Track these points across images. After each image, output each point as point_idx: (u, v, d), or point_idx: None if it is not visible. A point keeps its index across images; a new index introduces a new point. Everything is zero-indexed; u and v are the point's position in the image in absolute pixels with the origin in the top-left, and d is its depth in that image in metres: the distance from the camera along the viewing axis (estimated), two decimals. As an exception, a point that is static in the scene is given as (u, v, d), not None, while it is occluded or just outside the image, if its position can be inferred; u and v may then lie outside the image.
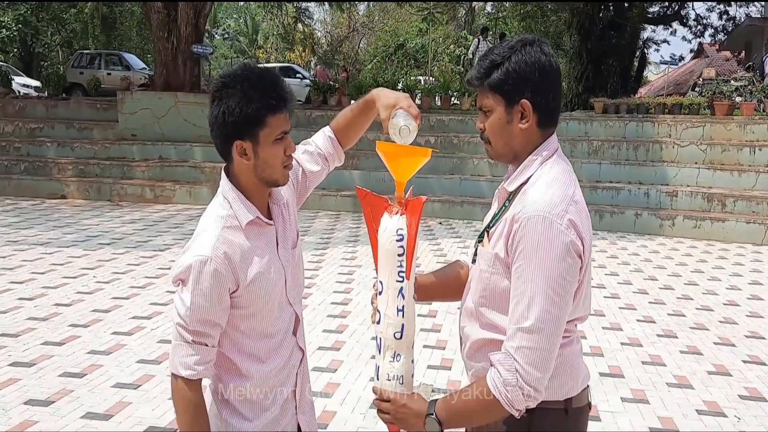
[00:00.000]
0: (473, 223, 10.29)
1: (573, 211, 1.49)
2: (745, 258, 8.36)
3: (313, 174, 1.89)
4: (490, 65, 1.55)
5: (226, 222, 1.61)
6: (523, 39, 1.57)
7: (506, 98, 1.55)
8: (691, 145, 11.03)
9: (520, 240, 1.48)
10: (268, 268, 1.64)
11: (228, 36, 45.87)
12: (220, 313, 1.58)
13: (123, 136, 13.15)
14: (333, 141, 1.93)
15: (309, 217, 10.50)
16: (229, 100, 1.55)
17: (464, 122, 12.62)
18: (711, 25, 23.79)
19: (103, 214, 10.31)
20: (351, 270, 7.17)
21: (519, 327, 1.46)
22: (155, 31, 13.71)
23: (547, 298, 1.44)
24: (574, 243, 1.47)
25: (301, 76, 22.20)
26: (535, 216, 1.47)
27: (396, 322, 1.61)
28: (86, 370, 4.27)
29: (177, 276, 1.58)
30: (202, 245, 1.58)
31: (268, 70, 1.62)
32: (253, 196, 1.65)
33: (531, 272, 1.45)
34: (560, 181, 1.54)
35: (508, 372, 1.45)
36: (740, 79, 13.17)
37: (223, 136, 1.59)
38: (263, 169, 1.61)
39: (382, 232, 1.63)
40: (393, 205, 1.66)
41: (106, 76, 18.86)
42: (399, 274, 1.61)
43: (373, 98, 1.81)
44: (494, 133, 1.59)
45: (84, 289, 6.14)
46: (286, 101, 1.59)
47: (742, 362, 4.79)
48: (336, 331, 5.19)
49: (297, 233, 1.80)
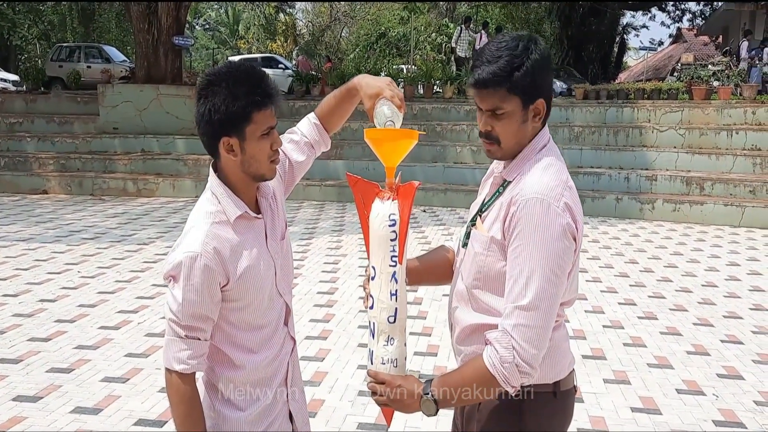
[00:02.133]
0: (457, 211, 10.37)
1: (568, 195, 1.55)
2: (723, 240, 8.52)
3: (300, 164, 1.92)
4: (510, 66, 1.53)
5: (214, 218, 1.64)
6: (529, 36, 1.59)
7: (525, 99, 1.57)
8: (670, 129, 11.18)
9: (518, 221, 1.52)
10: (257, 262, 1.67)
11: (209, 27, 45.44)
12: (212, 308, 1.61)
13: (104, 129, 13.05)
14: (318, 127, 1.95)
15: (294, 207, 10.52)
16: (214, 98, 1.58)
17: (447, 110, 12.67)
18: (689, 10, 24.07)
19: (85, 209, 10.25)
20: (336, 259, 7.21)
21: (516, 305, 1.50)
22: (135, 23, 13.58)
23: (544, 277, 1.49)
24: (570, 225, 1.52)
25: (283, 66, 22.09)
26: (533, 198, 1.51)
27: (389, 307, 1.65)
28: (74, 365, 4.28)
29: (168, 273, 1.61)
30: (192, 241, 1.60)
31: (253, 67, 1.64)
32: (241, 191, 1.67)
33: (529, 252, 1.50)
34: (555, 167, 1.59)
35: (505, 349, 1.49)
36: (717, 63, 13.33)
37: (210, 133, 1.62)
38: (250, 165, 1.63)
39: (374, 217, 1.65)
40: (384, 191, 1.68)
41: (86, 69, 18.65)
42: (392, 258, 1.64)
43: (356, 87, 1.82)
44: (508, 135, 1.60)
45: (69, 284, 6.13)
46: (271, 97, 1.61)
47: (720, 342, 4.91)
48: (323, 320, 5.24)
49: (285, 224, 1.84)
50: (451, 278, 1.83)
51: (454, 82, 13.42)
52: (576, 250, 1.57)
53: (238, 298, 1.65)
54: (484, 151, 1.67)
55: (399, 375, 1.65)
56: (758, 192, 9.69)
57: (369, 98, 1.77)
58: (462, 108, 12.70)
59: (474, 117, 12.50)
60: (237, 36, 41.07)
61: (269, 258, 1.72)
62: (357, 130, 12.21)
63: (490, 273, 1.60)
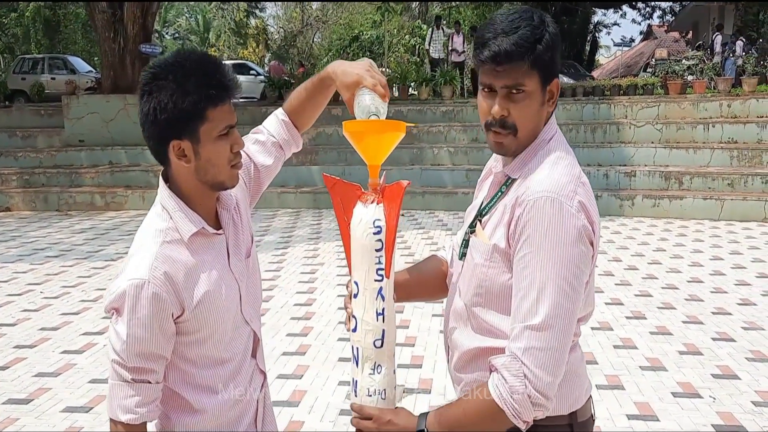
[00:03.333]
0: (435, 213, 10.18)
1: (582, 192, 1.32)
2: (704, 234, 8.43)
3: (267, 168, 1.67)
4: (533, 37, 1.31)
5: (165, 236, 1.39)
6: (537, 10, 1.37)
7: (544, 78, 1.35)
8: (647, 124, 11.12)
9: (526, 225, 1.29)
10: (218, 286, 1.43)
11: (179, 36, 44.89)
12: (163, 344, 1.37)
13: (70, 142, 12.66)
14: (288, 125, 1.69)
15: (268, 216, 10.24)
16: (160, 94, 1.33)
17: (423, 112, 12.50)
18: (659, 7, 24.25)
19: (50, 225, 9.86)
20: (314, 269, 6.97)
21: (527, 325, 1.27)
22: (100, 31, 13.22)
23: (558, 290, 1.26)
24: (586, 227, 1.30)
25: (255, 72, 21.81)
26: (542, 197, 1.29)
27: (375, 328, 1.40)
28: (33, 395, 3.98)
29: (110, 305, 1.36)
30: (138, 266, 1.36)
31: (207, 56, 1.40)
32: (197, 204, 1.43)
33: (539, 261, 1.27)
34: (566, 160, 1.37)
35: (515, 377, 1.27)
36: (691, 58, 13.35)
37: (157, 136, 1.38)
38: (207, 171, 1.39)
39: (356, 224, 1.42)
40: (367, 193, 1.44)
41: (50, 80, 18.13)
42: (377, 272, 1.39)
43: (330, 76, 1.57)
44: (527, 120, 1.36)
45: (30, 306, 5.80)
46: (228, 90, 1.37)
47: (711, 340, 4.76)
48: (300, 334, 4.99)
49: (251, 238, 1.59)
50: (446, 293, 1.60)
51: (429, 84, 13.26)
52: (594, 256, 1.34)
53: (196, 330, 1.41)
54: (490, 146, 1.42)
55: (388, 408, 1.40)
56: (736, 185, 9.65)
57: (347, 88, 1.51)
58: (438, 109, 12.53)
59: (450, 118, 12.36)
60: (208, 44, 40.61)
61: (232, 280, 1.47)
62: (332, 134, 11.99)
63: (493, 287, 1.37)
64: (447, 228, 9.12)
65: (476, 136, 11.84)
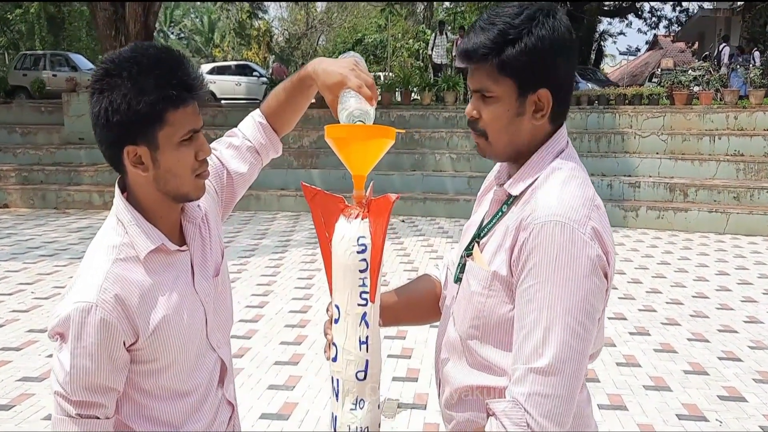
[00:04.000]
0: (436, 220, 10.05)
1: (596, 217, 1.17)
2: (709, 248, 8.29)
3: (241, 176, 1.50)
4: (502, 37, 1.17)
5: (118, 253, 1.24)
6: (541, 5, 1.20)
7: (520, 85, 1.19)
8: (652, 135, 10.99)
9: (531, 252, 1.14)
10: (179, 309, 1.28)
11: (184, 36, 44.87)
12: (113, 375, 1.22)
13: (69, 139, 12.54)
14: (265, 128, 1.52)
15: (267, 218, 10.11)
16: (112, 93, 1.18)
17: (425, 117, 12.38)
18: (665, 17, 24.16)
19: (47, 223, 9.74)
20: (311, 274, 6.83)
21: (531, 367, 1.12)
22: (101, 29, 13.09)
23: (567, 330, 1.11)
24: (601, 258, 1.14)
25: (258, 74, 21.73)
26: (551, 222, 1.13)
27: (358, 359, 1.25)
28: (14, 401, 3.85)
29: (53, 329, 1.21)
30: (85, 287, 1.20)
31: (168, 50, 1.23)
32: (157, 216, 1.28)
33: (547, 295, 1.12)
34: (577, 180, 1.21)
35: (517, 427, 1.12)
36: (698, 68, 13.22)
37: (109, 140, 1.22)
38: (167, 181, 1.24)
39: (338, 241, 1.27)
40: (351, 207, 1.30)
41: (51, 77, 18.03)
42: (361, 295, 1.25)
43: (310, 75, 1.40)
44: (497, 128, 1.22)
45: (20, 306, 5.67)
46: (192, 90, 1.21)
47: (717, 359, 4.62)
48: (294, 342, 4.85)
49: (222, 254, 1.43)
50: (438, 317, 1.45)
51: (432, 89, 13.15)
52: (607, 290, 1.19)
53: (153, 359, 1.25)
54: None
55: None
56: (742, 198, 9.51)
57: (329, 90, 1.35)
58: (441, 115, 12.41)
59: (453, 124, 12.25)
60: (212, 44, 40.59)
61: (196, 302, 1.32)
62: (333, 138, 11.85)
63: (491, 319, 1.22)
64: (448, 236, 8.99)
65: (479, 143, 11.70)
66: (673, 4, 23.85)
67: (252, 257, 7.41)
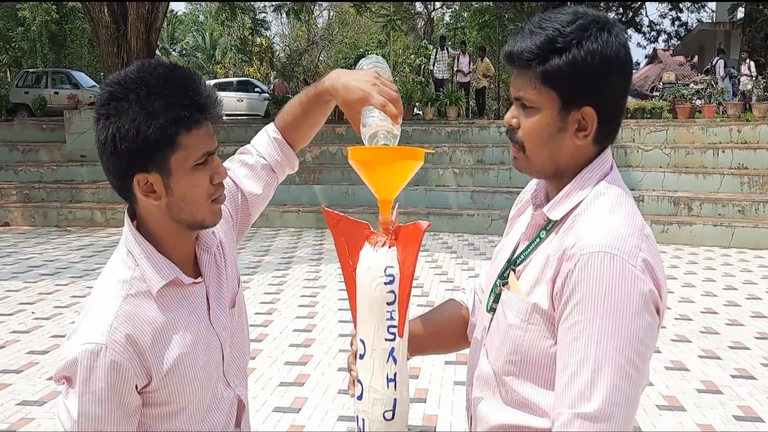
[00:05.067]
0: (440, 235, 9.99)
1: (646, 248, 1.07)
2: (716, 262, 8.22)
3: (257, 197, 1.40)
4: (549, 44, 1.08)
5: (129, 288, 1.15)
6: (597, 17, 1.10)
7: (563, 99, 1.10)
8: (655, 149, 10.95)
9: (576, 286, 1.04)
10: (194, 346, 1.18)
11: (186, 53, 45.07)
12: (124, 422, 1.12)
13: (71, 157, 12.53)
14: (280, 143, 1.42)
15: (269, 235, 10.05)
16: (119, 119, 1.09)
17: (428, 132, 12.36)
18: (664, 31, 24.21)
19: (48, 242, 9.68)
20: (314, 292, 6.76)
21: (578, 412, 1.02)
22: (103, 47, 13.11)
23: (618, 371, 1.01)
24: (653, 293, 1.05)
25: (259, 89, 21.77)
26: (598, 253, 1.04)
27: (385, 397, 1.16)
28: (14, 425, 3.76)
29: (59, 373, 1.12)
30: (94, 327, 1.11)
31: (177, 68, 1.15)
32: (171, 246, 1.19)
33: (595, 333, 1.02)
34: (625, 206, 1.11)
35: None
36: (700, 82, 13.22)
37: (117, 170, 1.14)
38: (182, 209, 1.15)
39: (364, 271, 1.18)
40: (377, 233, 1.20)
41: (53, 95, 18.07)
42: (389, 330, 1.16)
43: (329, 91, 1.30)
44: (534, 140, 1.14)
45: (20, 327, 5.59)
46: (205, 109, 1.12)
47: (730, 377, 4.54)
48: (299, 363, 4.77)
49: (238, 282, 1.34)
50: (466, 345, 1.36)
51: (434, 104, 13.14)
52: (659, 327, 1.10)
53: (167, 402, 1.16)
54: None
55: None
56: (747, 211, 9.46)
57: (350, 108, 1.25)
58: (443, 130, 12.39)
59: (455, 139, 12.24)
60: (214, 61, 40.75)
61: (213, 337, 1.23)
62: (336, 153, 11.84)
63: (530, 354, 1.13)
64: (452, 251, 8.92)
65: (481, 158, 11.68)
66: (672, 18, 23.95)
67: (255, 274, 7.34)
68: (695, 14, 24.36)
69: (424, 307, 5.99)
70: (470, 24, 24.04)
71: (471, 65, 15.57)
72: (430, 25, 27.70)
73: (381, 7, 22.16)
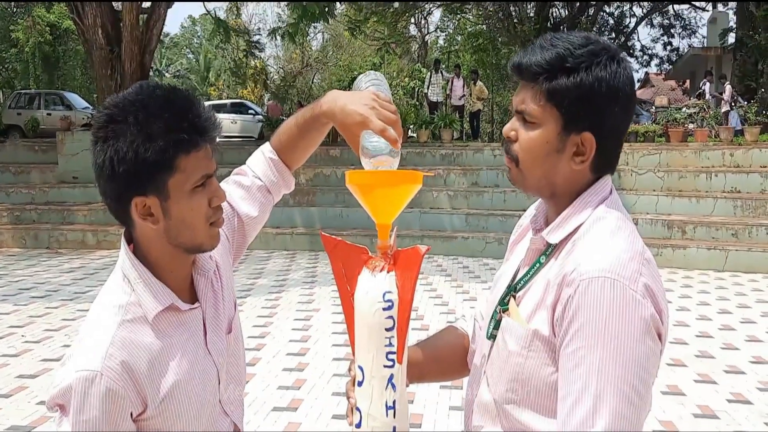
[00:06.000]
0: (435, 258, 9.96)
1: (647, 273, 1.05)
2: (710, 285, 8.23)
3: (253, 219, 1.39)
4: (558, 61, 1.08)
5: (125, 313, 1.13)
6: (608, 46, 1.10)
7: (565, 119, 1.09)
8: (648, 172, 11.01)
9: (577, 312, 1.03)
10: (190, 373, 1.16)
11: (179, 75, 45.30)
12: None
13: (63, 179, 12.49)
14: (276, 163, 1.40)
15: (262, 257, 10.00)
16: (117, 141, 1.08)
17: (422, 155, 12.40)
18: (656, 55, 24.55)
19: (39, 264, 9.61)
20: (308, 315, 6.70)
21: None
22: (97, 68, 13.15)
23: (621, 398, 1.00)
24: (655, 318, 1.03)
25: (253, 112, 21.84)
26: (599, 278, 1.03)
27: (384, 425, 1.13)
28: (1, 453, 3.70)
29: (53, 400, 1.09)
30: (89, 353, 1.08)
31: (176, 90, 1.14)
32: (168, 272, 1.17)
33: (596, 360, 1.01)
34: (625, 231, 1.10)
35: None
36: (692, 106, 13.34)
37: (115, 193, 1.12)
38: (180, 233, 1.14)
39: (362, 296, 1.16)
40: (375, 258, 1.18)
41: (45, 116, 18.03)
42: (387, 356, 1.14)
43: (327, 114, 1.28)
44: (530, 156, 1.13)
45: (10, 351, 5.51)
46: (204, 132, 1.11)
47: (726, 401, 4.51)
48: (293, 387, 4.71)
49: (235, 306, 1.32)
50: (466, 373, 1.34)
51: (429, 127, 13.21)
52: (661, 352, 1.08)
53: (163, 429, 1.14)
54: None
55: None
56: (740, 235, 9.49)
57: (349, 131, 1.23)
58: (437, 152, 12.44)
59: (450, 161, 12.28)
60: (207, 83, 40.94)
61: (209, 363, 1.20)
62: (330, 176, 11.85)
63: (531, 381, 1.11)
64: (447, 274, 8.89)
65: (476, 180, 11.70)
66: (663, 43, 24.30)
67: (248, 297, 7.29)
68: (686, 40, 24.70)
69: (419, 330, 5.95)
70: (464, 47, 24.29)
71: (465, 88, 15.69)
72: (424, 48, 27.97)
73: (375, 30, 22.38)
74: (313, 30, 30.71)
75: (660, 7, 22.69)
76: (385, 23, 20.29)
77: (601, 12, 21.52)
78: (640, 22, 23.09)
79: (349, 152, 12.16)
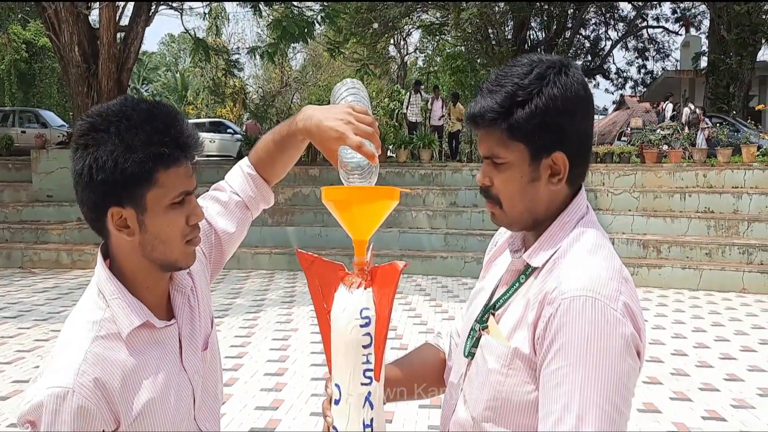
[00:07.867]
0: (413, 278, 9.97)
1: (626, 291, 1.07)
2: (684, 304, 8.32)
3: (230, 235, 1.38)
4: (510, 100, 1.09)
5: (99, 329, 1.11)
6: (552, 62, 1.12)
7: (533, 149, 1.11)
8: (624, 192, 11.17)
9: (558, 331, 1.04)
10: (165, 391, 1.15)
11: (157, 94, 45.09)
12: None
13: (37, 197, 12.32)
14: (255, 179, 1.40)
15: (240, 277, 9.92)
16: (98, 150, 1.07)
17: (401, 174, 12.45)
18: (631, 78, 25.04)
19: (12, 284, 9.42)
20: (286, 335, 6.65)
21: None
22: (74, 86, 13.04)
23: (603, 416, 1.00)
24: (634, 336, 1.05)
25: (231, 131, 21.79)
26: (579, 297, 1.04)
27: None
28: (-32, 477, 3.60)
29: (23, 417, 1.08)
30: (61, 369, 1.07)
31: (161, 105, 1.14)
32: (143, 287, 1.17)
33: (578, 378, 1.01)
34: (604, 249, 1.12)
35: None
36: (667, 128, 13.61)
37: (92, 202, 1.11)
38: (155, 247, 1.13)
39: (339, 313, 1.16)
40: (352, 275, 1.19)
41: (20, 134, 17.79)
42: (365, 373, 1.14)
43: (302, 131, 1.27)
44: (511, 195, 1.14)
45: (-21, 372, 5.40)
46: (186, 148, 1.12)
47: (701, 419, 4.55)
48: (270, 407, 4.66)
49: (212, 323, 1.31)
50: (443, 390, 1.34)
51: (408, 147, 13.29)
52: (639, 370, 1.10)
53: None
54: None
55: None
56: (714, 254, 9.63)
57: (326, 147, 1.23)
58: (417, 172, 12.50)
59: (429, 181, 12.34)
60: (186, 102, 40.79)
61: (184, 381, 1.19)
62: (309, 195, 11.84)
63: (511, 400, 1.11)
64: (425, 293, 8.89)
65: (455, 200, 11.77)
66: (638, 66, 24.80)
67: (225, 317, 7.21)
68: (660, 63, 25.27)
69: (397, 350, 5.93)
70: (443, 69, 24.55)
71: (444, 109, 15.83)
72: (403, 69, 28.20)
73: (354, 51, 22.52)
74: (293, 50, 30.83)
75: (635, 30, 23.20)
76: (364, 44, 20.46)
77: (577, 35, 21.93)
78: (615, 45, 23.60)
79: (328, 172, 12.16)
